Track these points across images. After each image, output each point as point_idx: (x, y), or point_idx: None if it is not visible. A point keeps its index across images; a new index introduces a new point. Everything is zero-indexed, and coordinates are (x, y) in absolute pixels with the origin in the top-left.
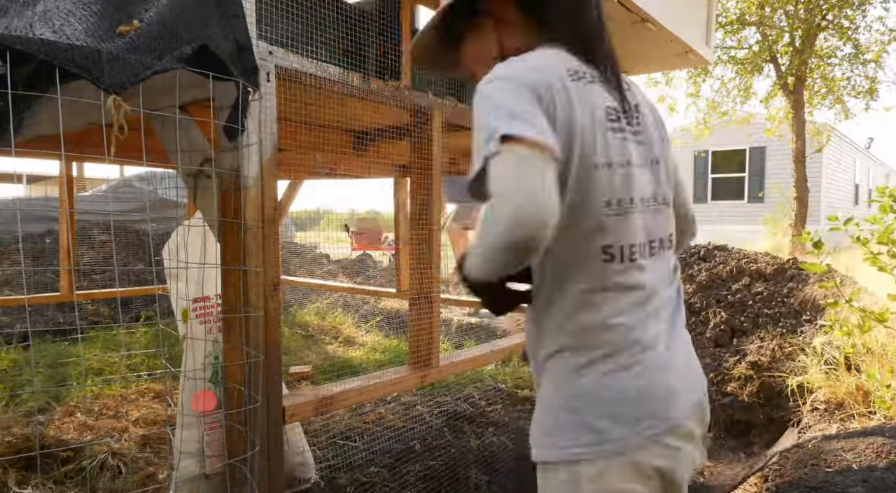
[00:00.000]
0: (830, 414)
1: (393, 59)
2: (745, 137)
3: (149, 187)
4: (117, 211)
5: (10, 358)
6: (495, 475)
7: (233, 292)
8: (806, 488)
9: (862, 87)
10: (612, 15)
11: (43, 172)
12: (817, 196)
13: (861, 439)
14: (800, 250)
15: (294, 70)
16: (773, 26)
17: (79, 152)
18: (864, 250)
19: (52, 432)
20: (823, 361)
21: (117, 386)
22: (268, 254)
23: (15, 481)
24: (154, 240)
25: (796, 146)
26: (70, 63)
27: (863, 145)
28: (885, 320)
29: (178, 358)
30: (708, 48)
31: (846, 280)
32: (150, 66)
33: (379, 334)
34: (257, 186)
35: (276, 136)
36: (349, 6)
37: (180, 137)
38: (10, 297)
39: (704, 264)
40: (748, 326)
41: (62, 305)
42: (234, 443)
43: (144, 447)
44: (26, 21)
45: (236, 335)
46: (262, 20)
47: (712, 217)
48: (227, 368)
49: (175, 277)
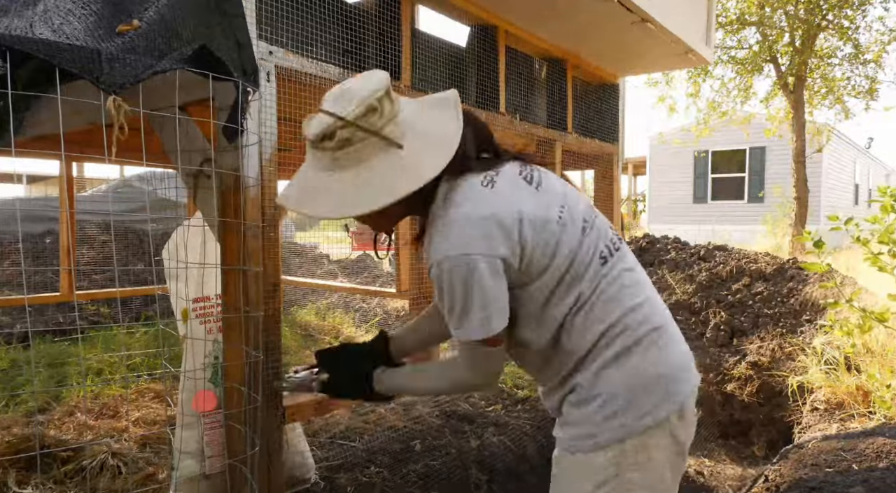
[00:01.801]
0: (830, 414)
1: (393, 59)
2: (745, 137)
3: (149, 187)
4: (117, 211)
5: (10, 358)
6: (495, 475)
7: (233, 292)
8: (806, 488)
9: (862, 87)
10: (612, 15)
11: (43, 172)
12: (817, 196)
13: (861, 439)
14: (800, 249)
15: (294, 70)
16: (773, 26)
17: (79, 152)
18: (865, 249)
19: (52, 432)
20: (823, 361)
21: (117, 386)
22: (268, 254)
23: (15, 481)
24: (154, 240)
25: (796, 146)
26: (69, 63)
27: (863, 145)
28: (885, 320)
29: (178, 358)
30: (708, 48)
31: (846, 280)
32: (150, 66)
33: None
34: (257, 186)
35: (276, 136)
36: (349, 6)
37: (180, 137)
38: (10, 297)
39: (704, 264)
40: (748, 326)
41: (62, 305)
42: (234, 443)
43: (144, 447)
44: (26, 21)
45: (236, 335)
46: (262, 20)
47: (712, 217)
48: (227, 368)
49: (175, 277)
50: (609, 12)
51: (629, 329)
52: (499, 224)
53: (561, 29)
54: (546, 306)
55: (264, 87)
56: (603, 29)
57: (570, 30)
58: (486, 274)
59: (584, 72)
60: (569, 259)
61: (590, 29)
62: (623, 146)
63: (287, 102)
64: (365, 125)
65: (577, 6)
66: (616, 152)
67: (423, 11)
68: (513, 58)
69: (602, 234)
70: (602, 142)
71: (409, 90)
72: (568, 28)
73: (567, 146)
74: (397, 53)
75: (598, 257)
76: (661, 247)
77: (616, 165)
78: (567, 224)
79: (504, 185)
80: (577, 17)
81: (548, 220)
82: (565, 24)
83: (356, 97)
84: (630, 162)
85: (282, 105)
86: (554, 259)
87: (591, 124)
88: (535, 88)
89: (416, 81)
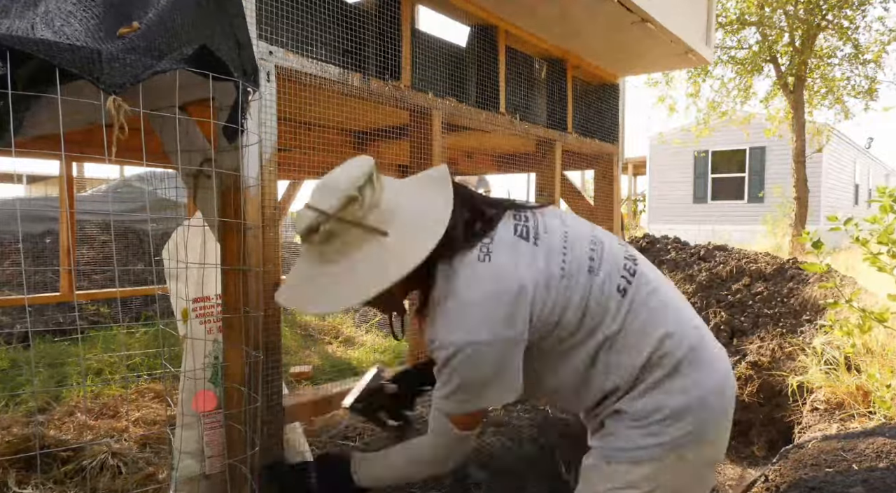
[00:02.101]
0: (830, 414)
1: (393, 59)
2: (745, 137)
3: (149, 187)
4: (117, 211)
5: (10, 358)
6: (495, 475)
7: (233, 292)
8: (806, 488)
9: (862, 87)
10: (612, 15)
11: (43, 172)
12: (817, 196)
13: (861, 439)
14: (800, 250)
15: (294, 70)
16: (772, 26)
17: (79, 152)
18: (864, 250)
19: (52, 432)
20: (823, 361)
21: (117, 386)
22: (268, 254)
23: (15, 481)
24: (154, 240)
25: (796, 146)
26: (70, 63)
27: (863, 145)
28: (885, 320)
29: (178, 358)
30: (708, 48)
31: (846, 280)
32: (150, 66)
33: (379, 333)
34: (257, 186)
35: (276, 136)
36: (349, 6)
37: (180, 137)
38: (10, 297)
39: (704, 264)
40: (748, 326)
41: (62, 305)
42: (234, 443)
43: (144, 447)
44: (27, 22)
45: (236, 335)
46: (262, 20)
47: (712, 217)
48: (227, 368)
49: (175, 277)
50: (609, 12)
51: (666, 356)
52: (503, 303)
53: (561, 29)
54: (565, 355)
55: (264, 87)
56: (603, 29)
57: (571, 30)
58: (492, 359)
59: (584, 72)
60: (581, 307)
61: (590, 29)
62: (623, 146)
63: (287, 102)
64: (346, 217)
65: (577, 6)
66: (616, 152)
67: (423, 11)
68: (513, 58)
69: (614, 262)
70: (602, 142)
71: (408, 90)
72: (568, 28)
73: (567, 146)
74: (397, 53)
75: (615, 291)
76: (661, 247)
77: (616, 165)
78: (573, 273)
79: (501, 254)
80: (577, 17)
81: (551, 277)
82: (565, 24)
83: (337, 189)
84: (630, 162)
85: (282, 105)
86: (565, 312)
87: (591, 124)
88: (535, 87)
89: (416, 81)
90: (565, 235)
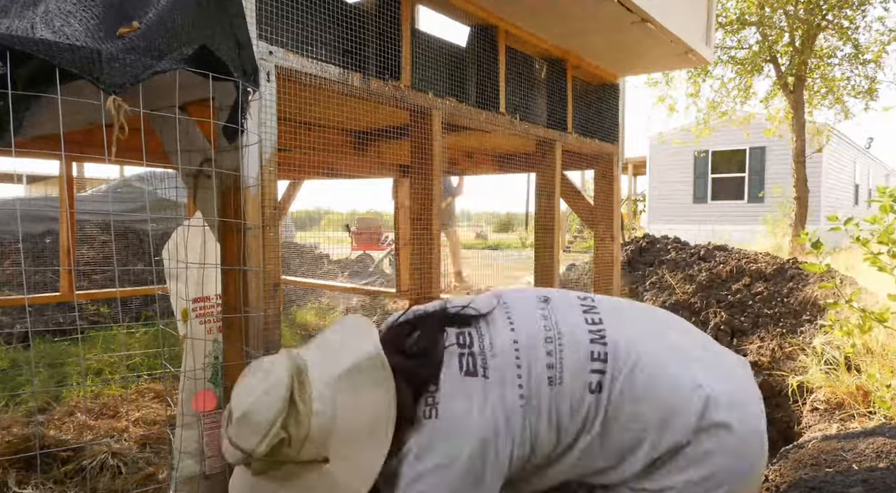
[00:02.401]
0: (830, 414)
1: (393, 59)
2: (745, 137)
3: (149, 187)
4: (117, 211)
5: (10, 358)
6: None
7: (233, 292)
8: (806, 488)
9: (862, 87)
10: (612, 15)
11: (43, 172)
12: (817, 196)
13: (861, 439)
14: (800, 250)
15: (294, 70)
16: (772, 26)
17: (79, 152)
18: (864, 250)
19: (52, 432)
20: (823, 361)
21: (117, 386)
22: (268, 254)
23: (15, 481)
24: (154, 240)
25: (796, 146)
26: (70, 63)
27: (863, 145)
28: (885, 320)
29: (178, 358)
30: (708, 48)
31: (846, 280)
32: (150, 66)
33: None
34: (257, 186)
35: (276, 136)
36: (349, 6)
37: (180, 137)
38: (10, 297)
39: (704, 264)
40: (748, 326)
41: (62, 305)
42: None
43: (144, 447)
44: (27, 22)
45: (236, 335)
46: (262, 20)
47: (712, 217)
48: (227, 368)
49: (175, 277)
50: (609, 12)
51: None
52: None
53: (561, 29)
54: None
55: (264, 87)
56: (603, 29)
57: (570, 30)
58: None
59: (584, 72)
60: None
61: (590, 29)
62: (623, 146)
63: (287, 101)
64: (278, 458)
65: (577, 6)
66: (616, 152)
67: (423, 11)
68: (513, 58)
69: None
70: (602, 142)
71: (408, 90)
72: (568, 28)
73: (567, 146)
74: (397, 53)
75: (588, 392)
76: (661, 247)
77: (616, 165)
78: (533, 394)
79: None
80: (577, 17)
81: (511, 411)
82: (565, 24)
83: (259, 429)
84: (630, 162)
85: (282, 105)
86: (537, 439)
87: (591, 124)
88: (535, 87)
89: (415, 81)
90: (516, 349)
